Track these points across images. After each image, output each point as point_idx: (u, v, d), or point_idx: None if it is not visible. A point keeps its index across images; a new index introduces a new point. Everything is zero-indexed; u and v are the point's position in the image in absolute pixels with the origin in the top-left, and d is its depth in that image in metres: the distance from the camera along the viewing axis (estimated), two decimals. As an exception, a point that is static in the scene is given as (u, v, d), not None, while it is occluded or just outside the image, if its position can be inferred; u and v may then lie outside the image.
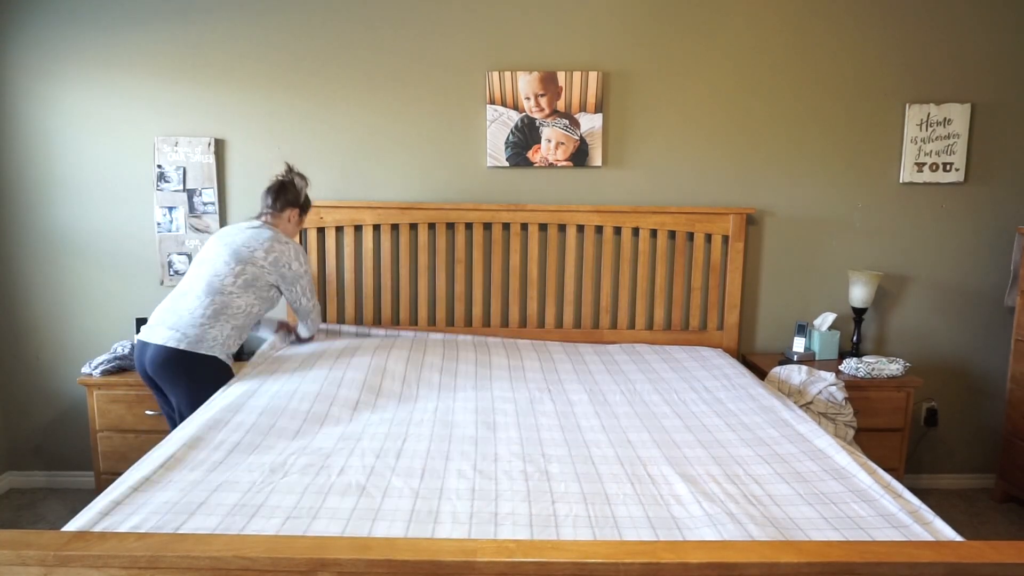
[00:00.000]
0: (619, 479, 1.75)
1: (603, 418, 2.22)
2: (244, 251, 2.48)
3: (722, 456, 1.92)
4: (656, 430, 2.12)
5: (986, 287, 3.30)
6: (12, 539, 1.16)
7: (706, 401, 2.41)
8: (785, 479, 1.77)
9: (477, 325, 3.23)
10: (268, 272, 2.50)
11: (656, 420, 2.21)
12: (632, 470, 1.81)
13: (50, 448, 3.34)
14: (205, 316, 2.40)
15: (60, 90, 3.11)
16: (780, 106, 3.17)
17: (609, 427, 2.14)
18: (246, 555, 1.13)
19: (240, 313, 2.48)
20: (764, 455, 1.93)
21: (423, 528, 1.49)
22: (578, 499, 1.63)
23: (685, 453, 1.94)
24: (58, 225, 3.19)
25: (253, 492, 1.64)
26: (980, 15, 3.12)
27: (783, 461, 1.89)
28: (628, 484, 1.73)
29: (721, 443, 2.02)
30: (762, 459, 1.90)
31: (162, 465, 1.75)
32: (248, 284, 2.47)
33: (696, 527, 1.51)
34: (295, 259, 2.56)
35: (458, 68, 3.14)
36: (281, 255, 2.52)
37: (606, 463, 1.86)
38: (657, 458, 1.89)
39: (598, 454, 1.92)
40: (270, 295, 2.58)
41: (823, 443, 1.99)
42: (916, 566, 1.13)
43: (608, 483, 1.73)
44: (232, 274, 2.44)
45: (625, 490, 1.69)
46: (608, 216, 3.16)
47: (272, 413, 2.12)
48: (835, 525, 1.53)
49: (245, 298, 2.48)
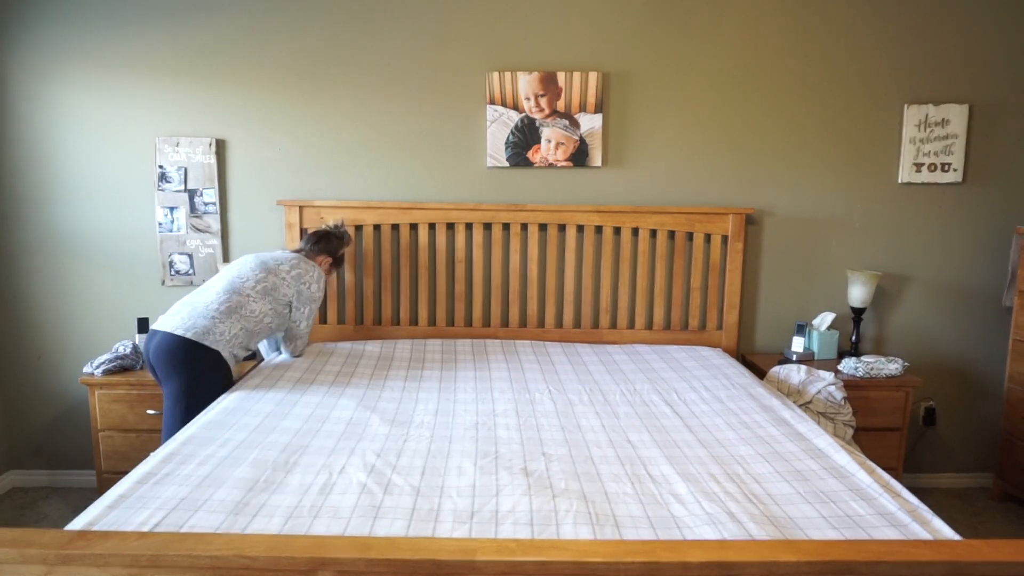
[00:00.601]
0: (619, 478, 1.76)
1: (603, 417, 2.23)
2: (271, 262, 2.66)
3: (723, 456, 1.93)
4: (656, 430, 2.12)
5: (984, 287, 3.30)
6: (14, 538, 1.16)
7: (705, 400, 2.41)
8: (784, 478, 1.78)
9: (477, 325, 3.24)
10: (288, 284, 2.65)
11: (656, 420, 2.22)
12: (632, 470, 1.82)
13: (52, 447, 3.34)
14: (219, 311, 2.46)
15: (62, 91, 3.11)
16: (779, 106, 3.18)
17: (609, 427, 2.14)
18: (247, 554, 1.13)
19: (252, 317, 2.54)
20: (764, 453, 1.93)
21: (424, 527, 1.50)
22: (578, 496, 1.64)
23: (685, 452, 1.94)
24: (60, 225, 3.19)
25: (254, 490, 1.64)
26: (979, 16, 3.12)
27: (783, 460, 1.89)
28: (628, 483, 1.73)
29: (721, 442, 2.03)
30: (762, 457, 1.91)
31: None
32: (267, 292, 2.58)
33: (696, 526, 1.52)
34: (316, 282, 2.72)
35: (458, 68, 3.14)
36: (305, 273, 2.68)
37: (606, 463, 1.86)
38: (657, 458, 1.90)
39: (598, 454, 1.92)
40: (284, 311, 2.66)
41: (823, 442, 2.00)
42: (915, 565, 1.14)
43: (608, 482, 1.73)
44: (254, 278, 2.57)
45: (625, 489, 1.70)
46: (608, 216, 3.16)
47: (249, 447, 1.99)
48: (834, 524, 1.54)
49: (261, 304, 2.56)
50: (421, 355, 2.92)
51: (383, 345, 3.02)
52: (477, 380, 2.61)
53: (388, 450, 1.92)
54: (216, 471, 1.75)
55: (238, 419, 2.12)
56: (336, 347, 2.98)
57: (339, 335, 3.21)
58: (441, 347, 3.02)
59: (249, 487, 1.67)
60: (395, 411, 2.26)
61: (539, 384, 2.56)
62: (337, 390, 2.43)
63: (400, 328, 3.23)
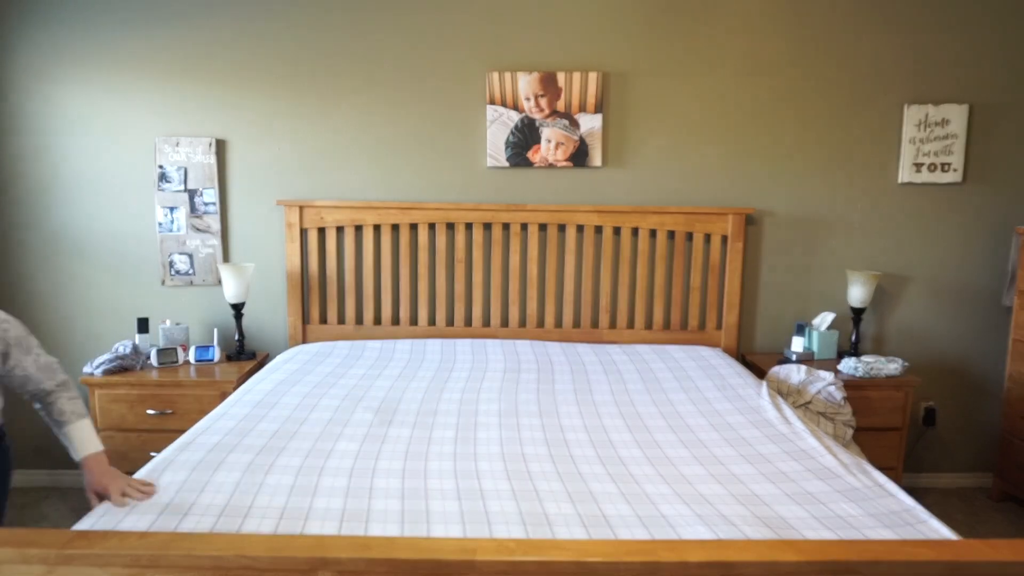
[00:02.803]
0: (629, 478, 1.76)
1: (585, 417, 2.23)
2: None
3: (727, 455, 1.93)
4: (657, 429, 2.13)
5: (984, 287, 3.30)
6: (15, 537, 1.16)
7: (705, 400, 2.41)
8: (789, 478, 1.78)
9: (477, 325, 3.24)
10: None
11: (655, 419, 2.22)
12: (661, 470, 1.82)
13: (52, 447, 3.34)
14: None
15: (62, 91, 3.11)
16: (779, 106, 3.18)
17: (599, 426, 2.15)
18: (247, 553, 1.13)
19: None
20: (768, 454, 1.94)
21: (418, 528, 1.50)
22: (576, 497, 1.64)
23: (690, 453, 1.95)
24: (60, 225, 3.19)
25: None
26: (978, 16, 3.12)
27: (789, 459, 1.90)
28: (683, 505, 1.73)
29: (704, 442, 2.03)
30: (766, 458, 1.91)
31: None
32: None
33: (693, 524, 1.52)
34: (5, 321, 1.71)
35: (458, 68, 3.14)
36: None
37: (588, 463, 1.86)
38: (682, 458, 1.90)
39: (626, 453, 1.93)
40: None
41: (812, 442, 2.00)
42: (915, 565, 1.14)
43: (642, 483, 1.74)
44: None
45: (653, 488, 1.70)
46: (608, 216, 3.16)
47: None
48: (828, 525, 1.53)
49: None
50: (420, 355, 2.92)
51: (383, 345, 3.03)
52: (493, 382, 2.61)
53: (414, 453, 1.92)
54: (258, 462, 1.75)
55: (255, 424, 2.13)
56: (335, 346, 2.99)
57: (339, 335, 3.21)
58: (441, 347, 3.02)
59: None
60: (387, 408, 2.26)
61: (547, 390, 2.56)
62: (339, 390, 2.44)
63: (400, 328, 3.23)
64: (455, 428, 2.10)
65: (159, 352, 2.96)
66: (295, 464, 1.81)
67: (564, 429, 2.11)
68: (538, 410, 2.29)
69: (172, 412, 2.82)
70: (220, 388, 2.81)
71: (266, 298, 3.29)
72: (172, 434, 2.83)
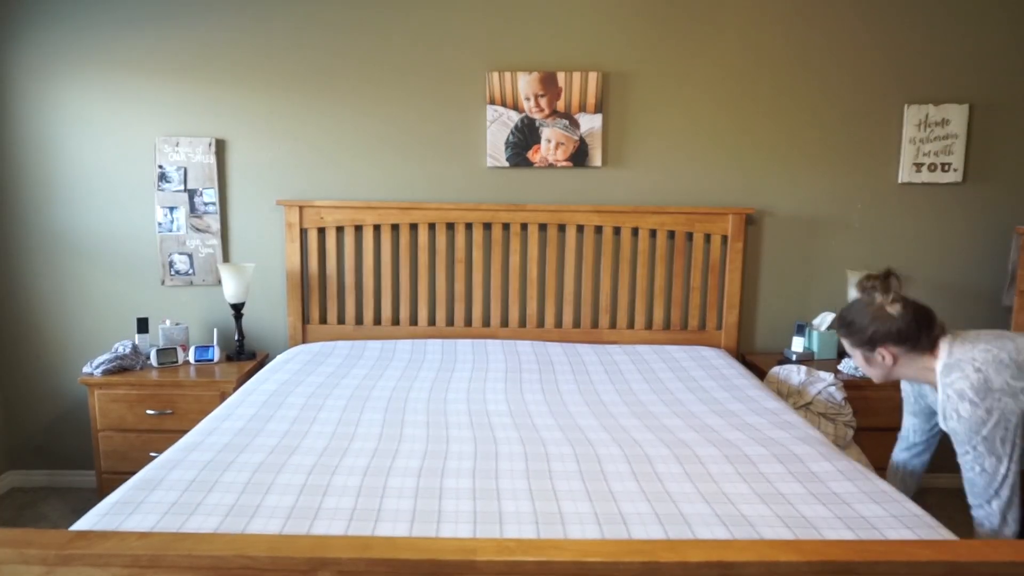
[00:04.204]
0: (624, 477, 1.76)
1: (601, 418, 2.23)
2: None
3: (735, 455, 1.93)
4: (658, 429, 2.13)
5: (984, 287, 3.30)
6: (14, 538, 1.16)
7: (705, 401, 2.41)
8: (797, 478, 1.78)
9: (477, 325, 3.24)
10: None
11: (656, 419, 2.22)
12: (639, 468, 1.82)
13: (51, 447, 3.34)
14: None
15: (61, 91, 3.11)
16: (779, 106, 3.18)
17: (611, 427, 2.15)
18: (247, 554, 1.13)
19: None
20: (776, 454, 1.93)
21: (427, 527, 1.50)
22: (583, 497, 1.64)
23: (695, 451, 1.94)
24: (59, 225, 3.20)
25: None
26: (978, 16, 3.12)
27: (796, 460, 1.89)
28: (634, 481, 1.73)
29: (729, 442, 2.03)
30: (775, 458, 1.91)
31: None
32: None
33: (711, 524, 1.52)
34: None
35: (458, 68, 3.14)
36: None
37: (612, 461, 1.87)
38: (666, 456, 1.90)
39: (604, 453, 1.93)
40: None
41: (818, 442, 2.00)
42: (914, 565, 1.14)
43: (612, 481, 1.73)
44: None
45: (631, 487, 1.70)
46: (608, 216, 3.16)
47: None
48: (850, 525, 1.53)
49: None
50: (421, 355, 2.92)
51: (383, 345, 3.03)
52: (502, 382, 2.61)
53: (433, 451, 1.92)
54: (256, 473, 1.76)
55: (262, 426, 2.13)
56: (335, 346, 2.99)
57: (339, 335, 3.21)
58: (441, 347, 3.02)
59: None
60: (395, 408, 2.26)
61: (539, 384, 2.56)
62: (338, 390, 2.44)
63: (400, 328, 3.23)
64: (470, 427, 2.10)
65: (159, 352, 2.96)
66: (308, 463, 1.81)
67: (583, 429, 2.11)
68: (548, 410, 2.28)
69: (172, 412, 2.83)
70: (220, 388, 2.81)
71: (266, 298, 3.29)
72: (172, 434, 2.83)
